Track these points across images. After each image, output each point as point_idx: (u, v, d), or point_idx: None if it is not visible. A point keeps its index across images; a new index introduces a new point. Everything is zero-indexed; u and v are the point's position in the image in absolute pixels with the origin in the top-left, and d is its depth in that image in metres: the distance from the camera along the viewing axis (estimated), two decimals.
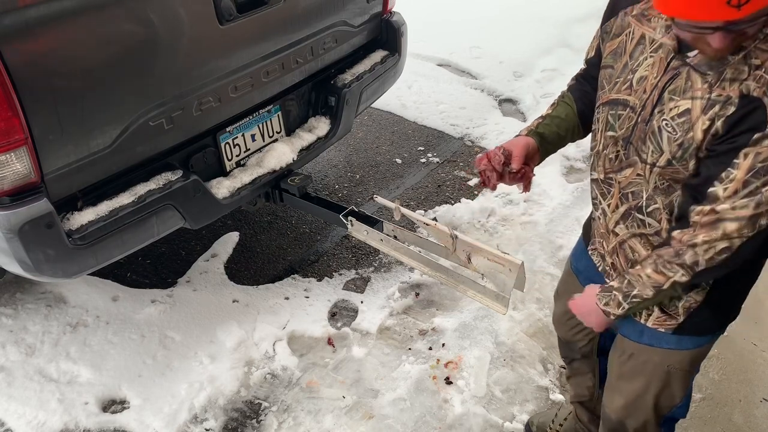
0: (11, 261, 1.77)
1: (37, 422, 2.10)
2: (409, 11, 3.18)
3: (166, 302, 2.59)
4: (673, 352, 1.46)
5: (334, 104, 2.69)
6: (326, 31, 2.53)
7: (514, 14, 5.35)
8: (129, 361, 2.33)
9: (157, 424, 2.11)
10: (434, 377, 2.32)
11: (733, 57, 1.13)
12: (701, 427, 2.22)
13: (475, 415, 2.17)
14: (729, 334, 2.58)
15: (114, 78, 1.80)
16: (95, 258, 1.89)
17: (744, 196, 1.14)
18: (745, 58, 1.12)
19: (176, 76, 1.98)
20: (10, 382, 2.22)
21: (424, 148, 3.80)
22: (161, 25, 1.88)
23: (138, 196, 1.94)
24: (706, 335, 1.47)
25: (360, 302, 2.66)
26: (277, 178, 2.47)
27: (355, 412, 2.20)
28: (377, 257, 2.91)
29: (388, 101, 4.11)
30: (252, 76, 2.25)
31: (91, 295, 2.58)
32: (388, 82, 2.99)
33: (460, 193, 3.38)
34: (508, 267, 1.78)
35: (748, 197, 1.13)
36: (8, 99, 1.56)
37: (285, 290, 2.71)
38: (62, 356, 2.33)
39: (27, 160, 1.65)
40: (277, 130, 2.56)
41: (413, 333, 2.53)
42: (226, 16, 2.06)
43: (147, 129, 1.94)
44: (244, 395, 2.26)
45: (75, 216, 1.82)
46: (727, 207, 1.16)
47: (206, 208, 2.19)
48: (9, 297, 2.56)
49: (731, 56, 1.13)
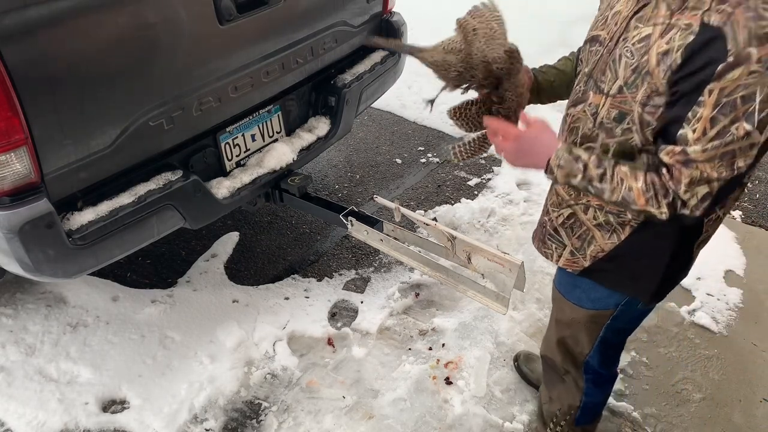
0: (11, 261, 1.77)
1: (37, 422, 2.10)
2: (409, 11, 3.18)
3: (166, 302, 2.59)
4: (574, 306, 1.55)
5: (334, 104, 2.68)
6: (326, 31, 2.53)
7: (514, 14, 5.35)
8: (129, 361, 2.33)
9: (157, 424, 2.11)
10: (434, 377, 2.32)
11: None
12: (701, 427, 2.22)
13: (475, 415, 2.17)
14: (729, 334, 2.59)
15: (114, 78, 1.79)
16: (95, 258, 1.89)
17: (714, 137, 1.09)
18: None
19: (176, 76, 1.98)
20: (10, 382, 2.22)
21: (424, 148, 3.80)
22: (161, 25, 1.88)
23: (138, 196, 1.94)
24: (605, 295, 1.48)
25: (360, 302, 2.66)
26: (277, 178, 2.47)
27: (355, 412, 2.20)
28: (377, 257, 2.91)
29: (388, 101, 4.11)
30: (252, 76, 2.25)
31: (91, 295, 2.58)
32: (388, 82, 2.99)
33: (460, 193, 3.38)
34: (508, 267, 1.78)
35: (719, 138, 1.09)
36: (8, 99, 1.56)
37: (285, 290, 2.71)
38: (62, 356, 2.33)
39: (27, 160, 1.65)
40: (277, 130, 2.56)
41: (413, 333, 2.53)
42: (226, 17, 2.06)
43: (147, 129, 1.94)
44: (244, 395, 2.26)
45: (75, 216, 1.82)
46: (698, 149, 1.11)
47: (206, 208, 2.19)
48: (9, 297, 2.56)
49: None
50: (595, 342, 1.60)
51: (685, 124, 1.12)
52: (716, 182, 1.13)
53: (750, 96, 1.05)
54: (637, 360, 2.45)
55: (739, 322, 2.66)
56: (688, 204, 1.16)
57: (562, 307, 1.64)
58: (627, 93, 1.21)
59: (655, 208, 1.19)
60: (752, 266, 2.96)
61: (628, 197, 1.21)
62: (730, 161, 1.10)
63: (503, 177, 3.49)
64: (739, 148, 1.09)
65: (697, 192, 1.15)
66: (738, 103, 1.06)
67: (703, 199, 1.15)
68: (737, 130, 1.07)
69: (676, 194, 1.17)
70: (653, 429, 2.20)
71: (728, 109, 1.07)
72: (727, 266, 2.94)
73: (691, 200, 1.16)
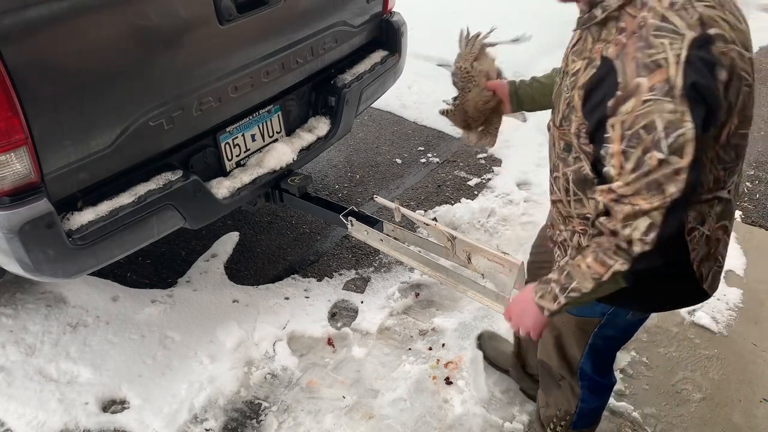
0: (11, 261, 1.77)
1: (37, 422, 2.10)
2: (409, 11, 3.18)
3: (166, 302, 2.59)
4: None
5: (334, 104, 2.68)
6: (326, 31, 2.53)
7: (514, 15, 5.35)
8: (129, 361, 2.33)
9: (157, 424, 2.11)
10: (434, 377, 2.32)
11: (609, 19, 1.13)
12: (701, 427, 2.22)
13: (475, 415, 2.17)
14: (729, 334, 2.59)
15: (114, 78, 1.80)
16: (95, 258, 1.89)
17: (632, 170, 1.08)
18: (617, 20, 1.12)
19: (176, 76, 1.98)
20: (10, 382, 2.22)
21: (424, 148, 3.80)
22: (161, 25, 1.88)
23: (138, 196, 1.94)
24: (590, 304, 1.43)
25: (360, 302, 2.66)
26: (277, 178, 2.47)
27: (355, 412, 2.20)
28: (377, 257, 2.91)
29: (388, 101, 4.11)
30: (252, 76, 2.25)
31: (91, 295, 2.58)
32: (388, 82, 2.99)
33: (460, 193, 3.38)
34: (508, 267, 1.78)
35: (637, 170, 1.07)
36: (8, 99, 1.56)
37: (285, 290, 2.71)
38: (62, 356, 2.33)
39: (27, 160, 1.65)
40: (277, 130, 2.56)
41: (413, 333, 2.53)
42: (226, 17, 2.06)
43: (147, 129, 1.94)
44: (244, 395, 2.26)
45: (75, 216, 1.82)
46: (621, 184, 1.10)
47: (206, 208, 2.19)
48: (9, 297, 2.56)
49: (606, 18, 1.13)
50: (585, 348, 1.62)
51: (605, 162, 1.12)
52: (654, 212, 1.08)
53: (651, 125, 1.04)
54: (637, 360, 2.45)
55: (739, 322, 2.66)
56: (633, 239, 1.12)
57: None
58: (565, 126, 1.24)
59: (614, 264, 1.17)
60: (752, 266, 2.96)
61: (593, 275, 1.20)
62: (659, 190, 1.07)
63: (503, 177, 3.49)
64: (662, 175, 1.06)
65: (638, 226, 1.11)
66: (642, 133, 1.05)
67: (648, 231, 1.10)
68: (651, 160, 1.05)
69: (618, 234, 1.14)
70: (653, 429, 2.20)
71: (635, 141, 1.06)
72: (727, 266, 2.94)
73: (634, 234, 1.11)
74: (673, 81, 1.03)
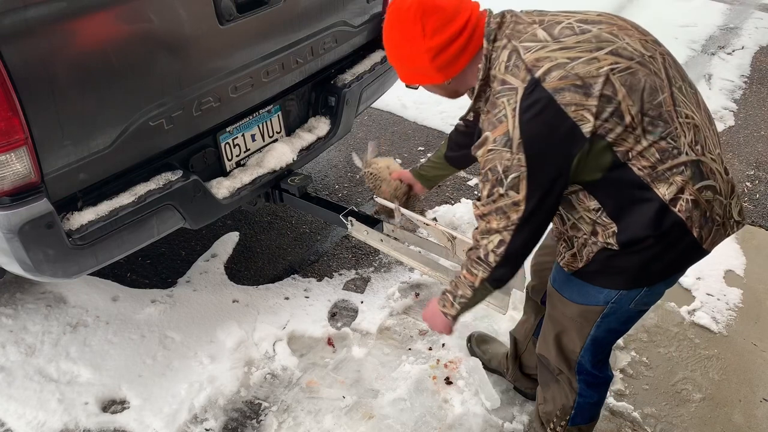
0: (11, 261, 1.77)
1: (37, 422, 2.10)
2: None
3: (166, 302, 2.59)
4: (565, 301, 1.62)
5: (334, 104, 2.69)
6: (326, 31, 2.53)
7: None
8: (129, 361, 2.33)
9: (157, 424, 2.11)
10: (434, 377, 2.32)
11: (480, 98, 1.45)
12: (701, 427, 2.22)
13: (475, 415, 2.17)
14: (729, 334, 2.59)
15: (114, 78, 1.79)
16: (95, 258, 1.89)
17: (486, 198, 1.39)
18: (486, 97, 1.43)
19: (176, 76, 1.98)
20: (10, 382, 2.22)
21: (424, 148, 3.80)
22: (161, 25, 1.88)
23: (138, 196, 1.94)
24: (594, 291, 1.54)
25: (360, 302, 2.66)
26: (277, 178, 2.47)
27: (355, 412, 2.20)
28: (377, 257, 2.92)
29: (388, 101, 4.11)
30: (252, 76, 2.25)
31: (91, 295, 2.58)
32: (388, 82, 2.99)
33: (460, 193, 3.39)
34: None
35: (489, 198, 1.38)
36: (8, 99, 1.56)
37: (285, 290, 2.71)
38: (62, 356, 2.33)
39: (27, 160, 1.65)
40: (277, 130, 2.56)
41: (413, 333, 2.53)
42: (226, 17, 2.06)
43: (147, 129, 1.94)
44: (244, 395, 2.26)
45: (75, 216, 1.82)
46: (480, 205, 1.42)
47: (206, 208, 2.19)
48: (9, 297, 2.56)
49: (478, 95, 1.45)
50: (587, 339, 1.64)
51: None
52: (503, 231, 1.39)
53: (494, 168, 1.34)
54: (637, 360, 2.45)
55: (739, 322, 2.66)
56: (488, 250, 1.43)
57: (554, 302, 1.69)
58: None
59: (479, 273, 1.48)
60: (752, 266, 2.96)
61: (468, 284, 1.52)
62: (505, 216, 1.37)
63: None
64: (504, 205, 1.36)
65: (492, 240, 1.42)
66: (489, 174, 1.36)
67: (499, 246, 1.41)
68: (497, 192, 1.36)
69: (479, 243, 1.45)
70: (653, 429, 2.20)
71: (486, 178, 1.38)
72: (727, 266, 2.94)
73: (489, 245, 1.43)
74: (511, 133, 1.30)
